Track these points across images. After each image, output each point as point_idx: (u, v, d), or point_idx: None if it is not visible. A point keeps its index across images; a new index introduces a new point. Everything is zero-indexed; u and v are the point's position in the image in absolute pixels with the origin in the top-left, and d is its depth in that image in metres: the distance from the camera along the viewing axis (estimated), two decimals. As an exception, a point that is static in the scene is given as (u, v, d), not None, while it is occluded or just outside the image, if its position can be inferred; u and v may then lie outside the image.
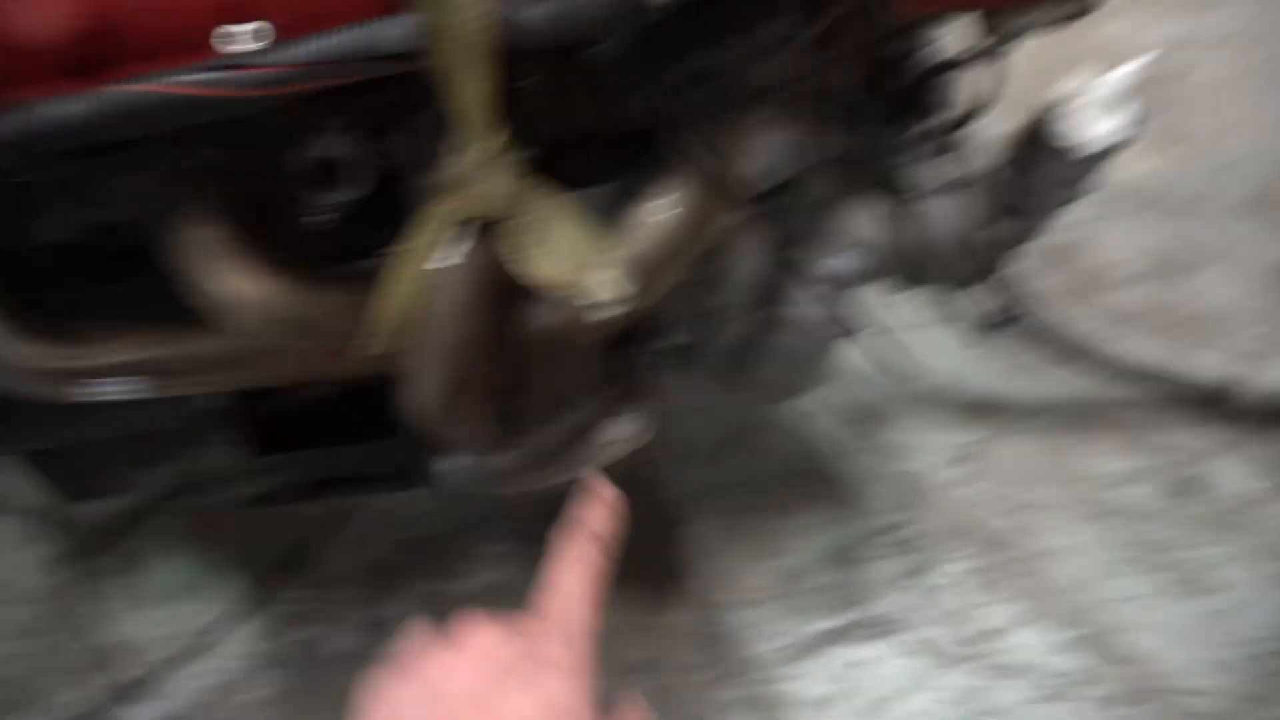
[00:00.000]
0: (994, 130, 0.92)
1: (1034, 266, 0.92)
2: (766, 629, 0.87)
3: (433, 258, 0.59)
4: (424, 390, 0.64)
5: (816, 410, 1.03)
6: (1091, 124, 0.78)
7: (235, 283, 0.60)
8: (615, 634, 0.87)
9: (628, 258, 0.62)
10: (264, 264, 0.61)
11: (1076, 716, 0.81)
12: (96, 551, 0.97)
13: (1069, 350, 0.98)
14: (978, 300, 1.03)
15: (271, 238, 0.62)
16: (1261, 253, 1.18)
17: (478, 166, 0.56)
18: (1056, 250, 1.19)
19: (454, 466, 0.81)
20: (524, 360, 0.67)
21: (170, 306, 0.73)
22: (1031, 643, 0.85)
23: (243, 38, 0.51)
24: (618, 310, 0.61)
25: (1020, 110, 0.79)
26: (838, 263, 0.79)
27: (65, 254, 0.71)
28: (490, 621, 0.53)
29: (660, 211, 0.64)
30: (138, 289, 0.75)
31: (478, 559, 0.95)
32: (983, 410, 1.03)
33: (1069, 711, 0.81)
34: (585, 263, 0.59)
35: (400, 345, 0.64)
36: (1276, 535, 0.91)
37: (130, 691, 0.87)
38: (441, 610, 0.53)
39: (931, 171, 0.83)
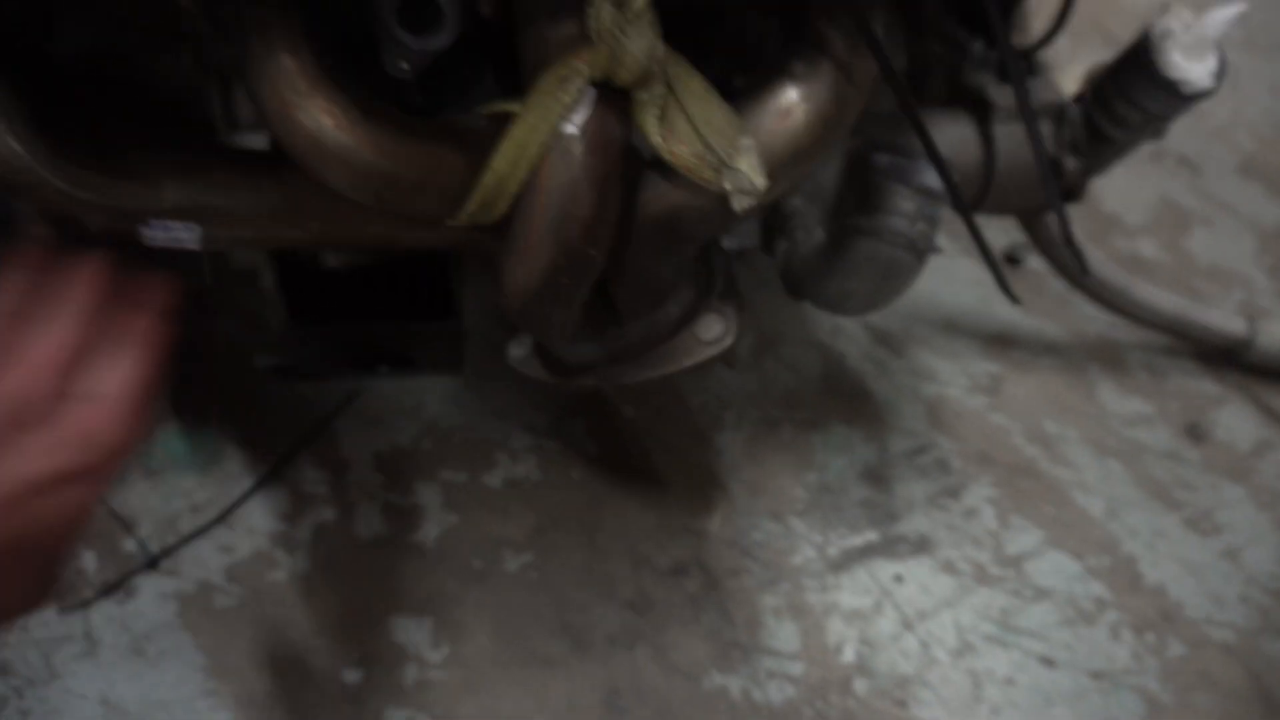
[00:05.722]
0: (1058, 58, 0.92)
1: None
2: (805, 540, 0.87)
3: (554, 121, 0.54)
4: (524, 268, 0.60)
5: (845, 328, 1.03)
6: (1194, 63, 0.77)
7: (316, 121, 0.53)
8: (657, 534, 0.86)
9: (761, 148, 0.58)
10: (349, 105, 0.55)
11: (1103, 639, 0.84)
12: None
13: (1091, 291, 0.99)
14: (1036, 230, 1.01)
15: (359, 79, 0.56)
16: (1259, 215, 1.22)
17: (618, 22, 0.51)
18: (1069, 194, 1.21)
19: (525, 354, 0.77)
20: (631, 246, 0.63)
21: (235, 151, 0.67)
22: (1056, 568, 0.88)
23: None
24: (755, 201, 0.57)
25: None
26: (930, 176, 0.77)
27: (128, 84, 0.64)
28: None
29: (794, 102, 0.60)
30: (201, 127, 0.69)
31: (504, 451, 0.91)
32: (1004, 341, 1.04)
33: (1095, 634, 0.84)
34: (726, 146, 0.56)
35: (491, 217, 0.59)
36: (1278, 482, 0.96)
37: (153, 562, 0.81)
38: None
39: (1013, 93, 0.82)
